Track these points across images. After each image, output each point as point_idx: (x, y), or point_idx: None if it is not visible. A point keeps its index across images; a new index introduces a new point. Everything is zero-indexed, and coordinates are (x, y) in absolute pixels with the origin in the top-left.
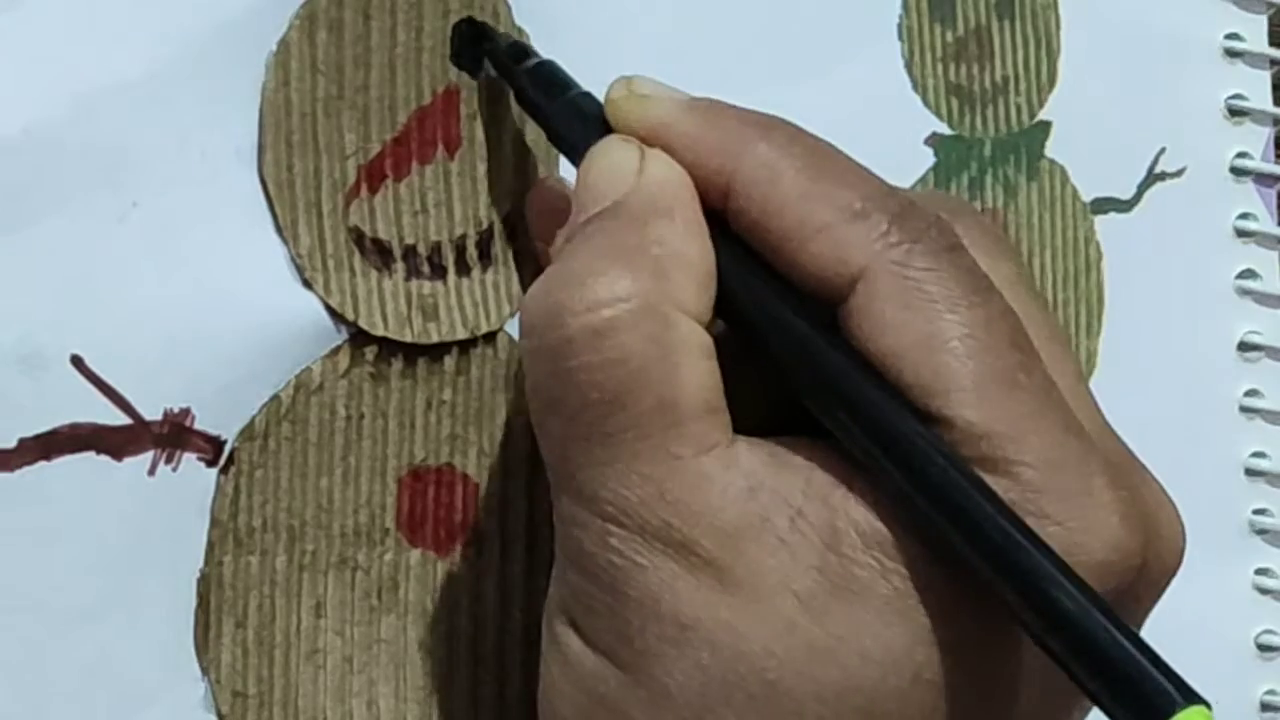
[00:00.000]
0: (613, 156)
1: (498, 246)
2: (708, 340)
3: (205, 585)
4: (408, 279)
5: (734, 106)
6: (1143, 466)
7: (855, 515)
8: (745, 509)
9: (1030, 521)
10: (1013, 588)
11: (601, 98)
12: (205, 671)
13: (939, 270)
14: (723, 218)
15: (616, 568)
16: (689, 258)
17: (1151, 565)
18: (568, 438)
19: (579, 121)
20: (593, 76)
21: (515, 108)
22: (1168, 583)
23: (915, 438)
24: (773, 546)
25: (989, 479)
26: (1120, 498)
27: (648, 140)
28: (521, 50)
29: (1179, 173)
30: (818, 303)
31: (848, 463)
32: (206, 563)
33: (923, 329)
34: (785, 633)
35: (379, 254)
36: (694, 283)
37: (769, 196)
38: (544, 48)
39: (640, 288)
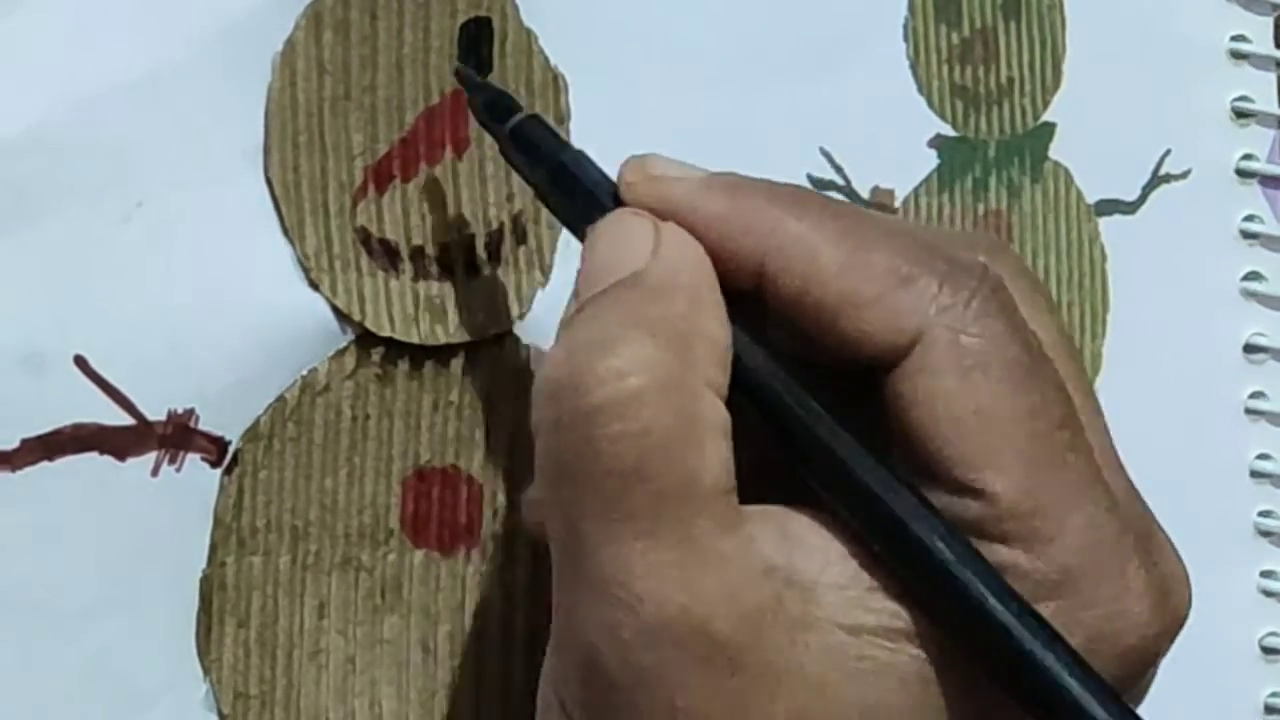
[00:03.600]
0: (626, 230)
1: (506, 247)
2: (728, 418)
3: (208, 585)
4: (415, 280)
5: (757, 181)
6: (1158, 526)
7: (873, 601)
8: (760, 591)
9: (1062, 605)
10: (1024, 685)
11: (608, 103)
12: (207, 672)
13: (996, 336)
14: (738, 297)
15: (627, 664)
16: (710, 333)
17: (1166, 630)
18: (584, 514)
19: (578, 189)
20: (599, 77)
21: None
22: (1176, 635)
23: (925, 531)
24: (787, 628)
25: (1026, 558)
26: (1151, 580)
27: (669, 220)
28: (505, 106)
29: (1184, 174)
30: (851, 376)
31: (862, 541)
32: (209, 563)
33: (975, 400)
34: (798, 716)
35: (386, 254)
36: (715, 358)
37: (809, 273)
38: (551, 48)
39: (666, 358)
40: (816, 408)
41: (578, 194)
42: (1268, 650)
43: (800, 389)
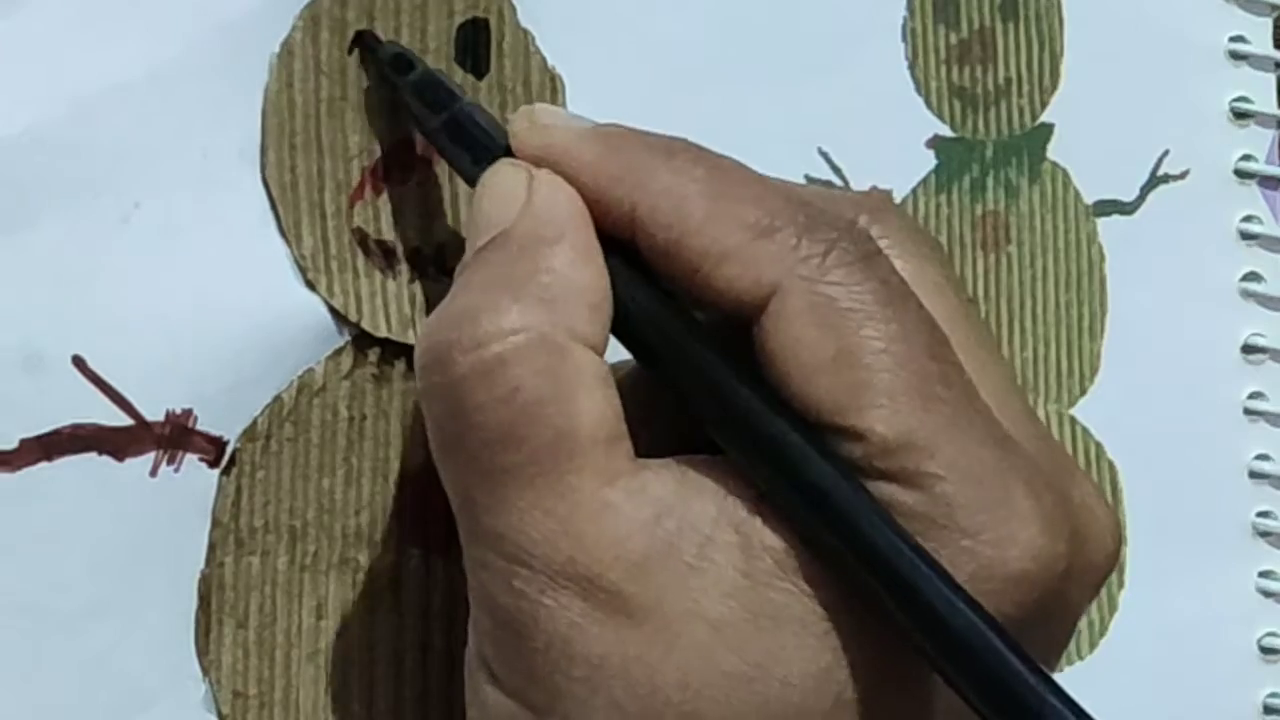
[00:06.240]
0: (501, 182)
1: None
2: (603, 367)
3: (206, 586)
4: (412, 280)
5: (636, 132)
6: (1077, 468)
7: (769, 541)
8: (651, 537)
9: (945, 535)
10: (908, 616)
11: (605, 103)
12: (206, 672)
13: (852, 282)
14: (625, 244)
15: (523, 611)
16: (580, 284)
17: (1078, 568)
18: (469, 478)
19: (472, 140)
20: (596, 77)
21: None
22: (1101, 582)
23: (808, 464)
24: (681, 574)
25: (904, 493)
26: (1040, 506)
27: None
28: (408, 63)
29: (1182, 175)
30: (734, 324)
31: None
32: (208, 563)
33: (836, 345)
34: (700, 662)
35: (383, 255)
36: (586, 309)
37: (675, 224)
38: (550, 48)
39: (530, 319)
40: (698, 350)
41: (471, 145)
42: (1266, 650)
43: (684, 332)
